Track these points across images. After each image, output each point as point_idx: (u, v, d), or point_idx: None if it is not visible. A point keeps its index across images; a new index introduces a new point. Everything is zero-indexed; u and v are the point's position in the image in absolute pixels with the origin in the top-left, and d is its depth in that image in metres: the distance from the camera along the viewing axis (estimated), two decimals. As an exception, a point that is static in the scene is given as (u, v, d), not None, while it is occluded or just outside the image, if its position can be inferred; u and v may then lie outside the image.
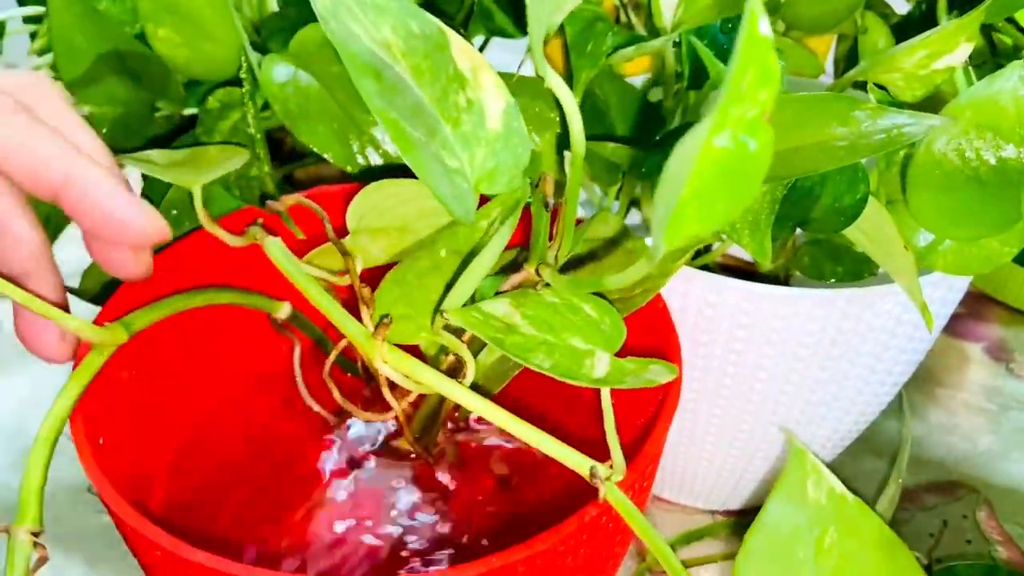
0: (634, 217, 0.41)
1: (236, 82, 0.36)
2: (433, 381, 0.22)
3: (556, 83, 0.22)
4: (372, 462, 0.36)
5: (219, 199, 0.37)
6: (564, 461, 0.23)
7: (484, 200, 0.28)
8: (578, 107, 0.26)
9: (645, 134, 0.38)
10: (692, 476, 0.42)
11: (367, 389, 0.36)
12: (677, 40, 0.34)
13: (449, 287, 0.26)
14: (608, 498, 0.24)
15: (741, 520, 0.45)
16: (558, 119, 0.36)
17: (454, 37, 0.26)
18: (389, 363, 0.22)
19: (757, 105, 0.15)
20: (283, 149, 0.48)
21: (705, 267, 0.39)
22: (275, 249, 0.24)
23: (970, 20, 0.31)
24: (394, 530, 0.34)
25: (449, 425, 0.36)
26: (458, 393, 0.22)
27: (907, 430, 0.41)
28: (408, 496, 0.35)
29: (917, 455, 0.50)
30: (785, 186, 0.29)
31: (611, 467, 0.24)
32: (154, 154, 0.29)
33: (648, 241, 0.32)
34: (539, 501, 0.34)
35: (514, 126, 0.26)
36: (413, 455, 0.36)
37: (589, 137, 0.34)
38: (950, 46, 0.32)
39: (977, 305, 0.61)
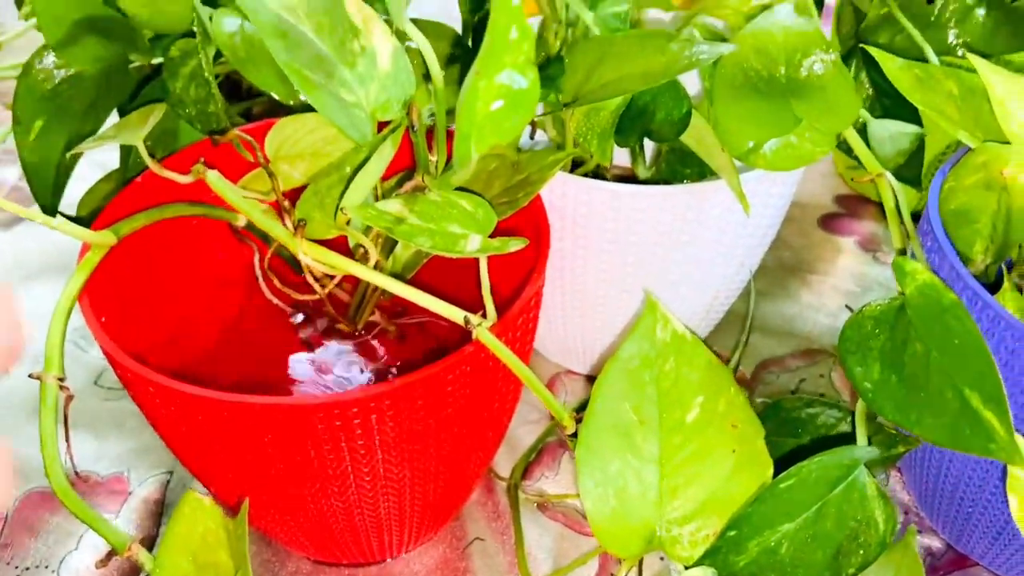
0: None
1: (194, 34, 0.43)
2: (342, 263, 0.31)
3: (416, 35, 0.31)
4: (321, 339, 0.45)
5: (186, 132, 0.45)
6: (444, 313, 0.32)
7: (384, 126, 0.37)
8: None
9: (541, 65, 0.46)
10: (588, 346, 0.52)
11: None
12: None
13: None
14: (480, 338, 0.33)
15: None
16: (459, 55, 0.44)
17: (346, -5, 0.33)
18: (307, 254, 0.31)
19: (522, 53, 0.24)
20: (242, 88, 0.56)
21: (596, 175, 0.48)
22: (214, 180, 0.33)
23: (772, -34, 0.39)
24: (336, 386, 0.43)
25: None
26: (360, 271, 0.31)
27: (751, 306, 0.50)
28: (348, 363, 0.44)
29: (788, 330, 0.60)
30: (623, 103, 0.37)
31: (484, 316, 0.33)
32: (108, 131, 0.38)
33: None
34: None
35: (401, 64, 0.34)
36: (356, 332, 0.45)
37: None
38: (761, -13, 0.40)
39: (854, 205, 0.70)
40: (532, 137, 0.53)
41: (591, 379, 0.55)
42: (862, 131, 0.47)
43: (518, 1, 0.22)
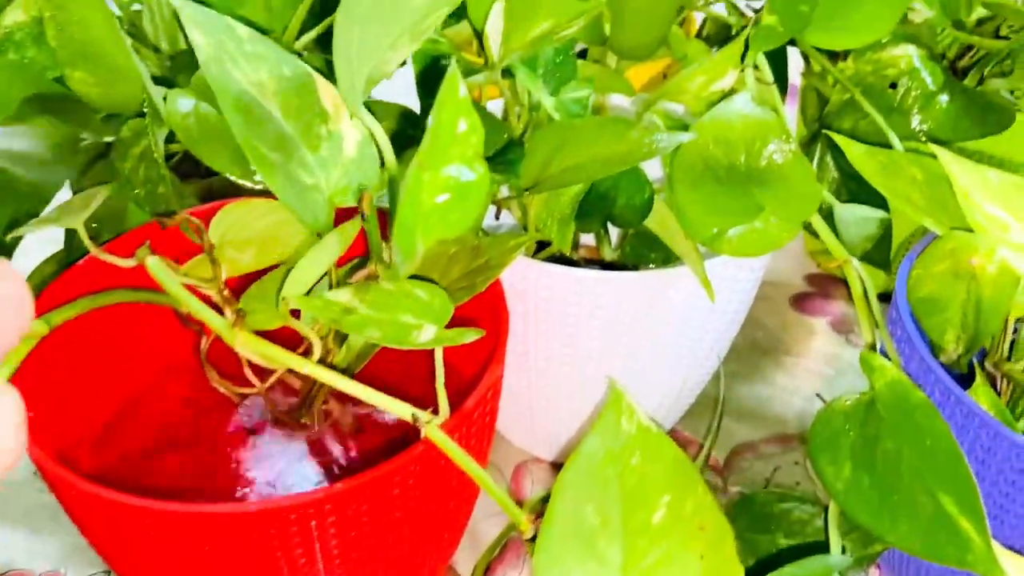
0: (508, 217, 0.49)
1: (146, 114, 0.42)
2: (281, 357, 0.29)
3: (369, 121, 0.30)
4: (268, 431, 0.43)
5: (135, 213, 0.43)
6: (391, 410, 0.30)
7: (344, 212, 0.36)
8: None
9: (500, 150, 0.45)
10: (554, 432, 0.50)
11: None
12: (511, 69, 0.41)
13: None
14: (429, 436, 0.31)
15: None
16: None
17: (320, 81, 0.32)
18: (244, 346, 0.29)
19: (471, 147, 0.23)
20: (202, 165, 0.55)
21: (565, 259, 0.47)
22: (153, 266, 0.31)
23: (731, 53, 0.39)
24: (283, 485, 0.41)
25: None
26: (300, 364, 0.29)
27: (722, 392, 0.49)
28: (298, 458, 0.42)
29: (762, 414, 0.58)
30: (583, 189, 0.36)
31: (434, 413, 0.31)
32: (50, 213, 0.36)
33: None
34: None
35: (367, 152, 0.33)
36: (308, 424, 0.43)
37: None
38: (720, 73, 0.40)
39: (826, 285, 0.70)
40: (497, 217, 0.52)
41: (558, 466, 0.53)
42: (829, 215, 0.47)
43: (465, 92, 0.21)
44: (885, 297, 0.41)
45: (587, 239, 0.51)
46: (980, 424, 0.33)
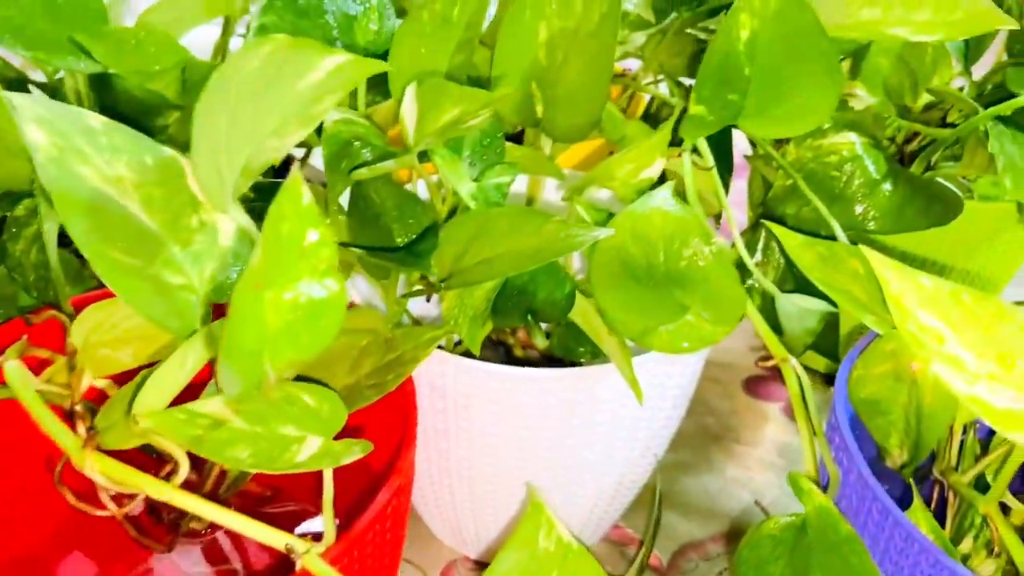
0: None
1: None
2: (135, 481, 0.26)
3: (239, 216, 0.27)
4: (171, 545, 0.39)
5: (23, 297, 0.40)
6: (264, 540, 0.27)
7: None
8: (350, 211, 0.30)
9: (422, 232, 0.43)
10: (480, 531, 0.47)
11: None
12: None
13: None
14: (308, 567, 0.28)
15: None
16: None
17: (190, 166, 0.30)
18: (95, 470, 0.26)
19: (323, 260, 0.20)
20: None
21: (505, 344, 0.44)
22: (10, 374, 0.28)
23: (658, 141, 0.37)
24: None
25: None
26: (160, 491, 0.26)
27: (658, 491, 0.46)
28: (191, 561, 0.38)
29: (710, 508, 0.55)
30: (497, 285, 0.34)
31: (312, 540, 0.28)
32: None
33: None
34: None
35: (247, 240, 0.30)
36: (203, 531, 0.39)
37: (367, 239, 0.39)
38: (648, 161, 0.38)
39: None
40: (428, 300, 0.49)
41: (485, 566, 0.49)
42: (772, 305, 0.45)
43: (309, 199, 0.19)
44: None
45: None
46: (920, 550, 0.30)
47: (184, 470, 0.28)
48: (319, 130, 0.37)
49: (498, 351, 0.43)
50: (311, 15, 0.38)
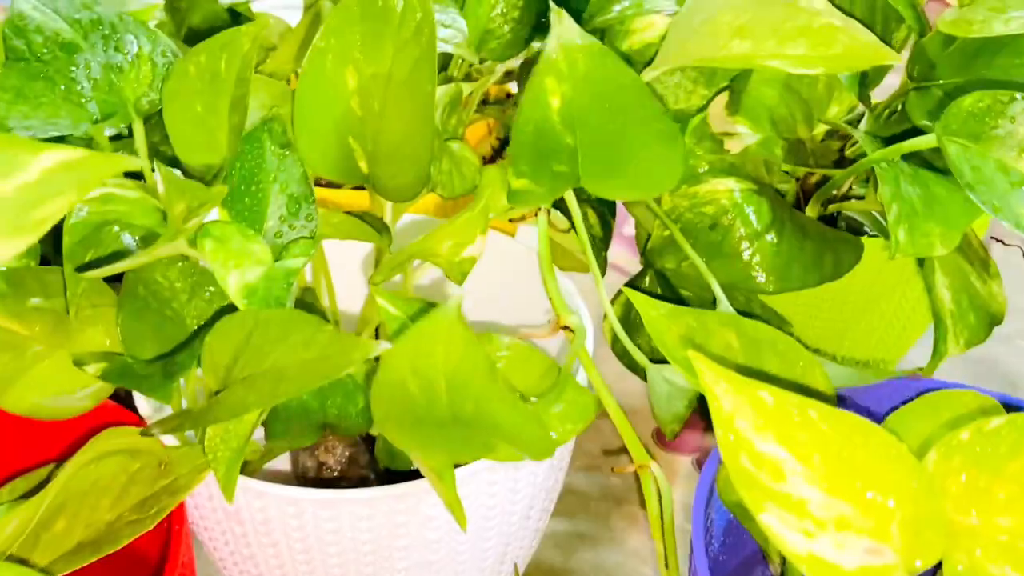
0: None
1: None
2: None
3: None
4: None
5: None
6: None
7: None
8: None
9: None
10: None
11: None
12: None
13: None
14: None
15: None
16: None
17: None
18: None
19: None
20: None
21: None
22: None
23: (475, 216, 0.32)
24: None
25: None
26: None
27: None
28: None
29: (607, 588, 0.49)
30: (262, 413, 0.28)
31: None
32: None
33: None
34: None
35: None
36: None
37: (148, 334, 0.33)
38: (469, 238, 0.32)
39: (695, 413, 0.62)
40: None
41: None
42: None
43: None
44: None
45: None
46: None
47: None
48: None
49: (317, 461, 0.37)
50: (50, 76, 0.31)
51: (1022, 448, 0.24)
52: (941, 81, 0.41)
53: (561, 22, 0.27)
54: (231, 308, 0.33)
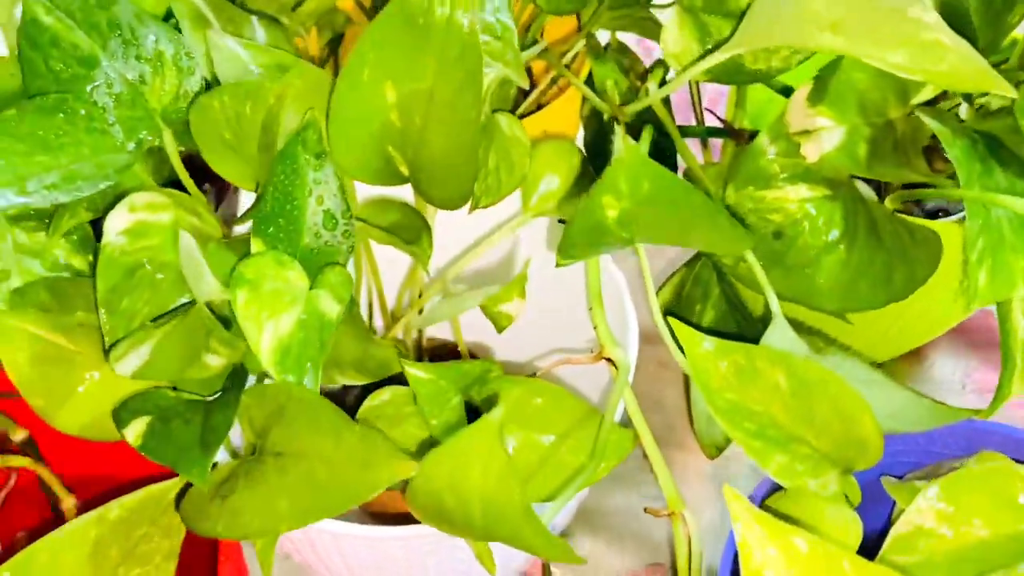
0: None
1: None
2: None
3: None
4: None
5: None
6: None
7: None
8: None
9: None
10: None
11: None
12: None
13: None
14: None
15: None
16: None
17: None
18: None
19: None
20: None
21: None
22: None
23: (515, 284, 0.30)
24: None
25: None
26: None
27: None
28: None
29: (638, 532, 0.51)
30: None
31: None
32: None
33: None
34: None
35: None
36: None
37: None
38: (507, 297, 0.31)
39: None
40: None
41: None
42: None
43: None
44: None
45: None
46: None
47: None
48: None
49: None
50: (69, 105, 0.29)
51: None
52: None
53: (622, 140, 0.24)
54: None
